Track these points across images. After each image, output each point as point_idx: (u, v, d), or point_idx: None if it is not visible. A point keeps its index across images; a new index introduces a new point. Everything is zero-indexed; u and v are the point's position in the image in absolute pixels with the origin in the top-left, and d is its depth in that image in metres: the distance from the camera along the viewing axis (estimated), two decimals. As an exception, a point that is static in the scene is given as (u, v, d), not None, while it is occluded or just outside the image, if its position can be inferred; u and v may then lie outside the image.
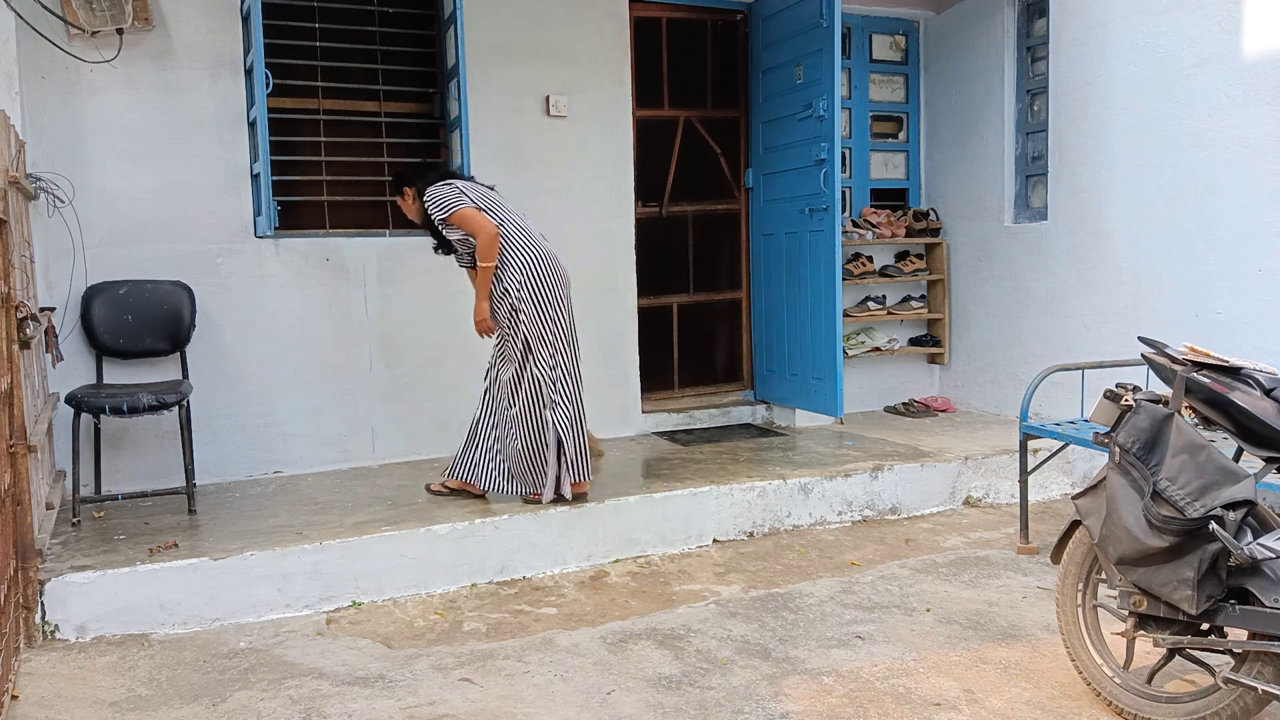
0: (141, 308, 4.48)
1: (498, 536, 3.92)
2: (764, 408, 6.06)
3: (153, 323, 4.49)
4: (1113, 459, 2.56)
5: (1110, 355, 4.68)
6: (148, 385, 4.25)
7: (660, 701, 2.83)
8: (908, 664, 3.06)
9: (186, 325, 4.54)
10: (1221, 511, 2.32)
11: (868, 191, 6.38)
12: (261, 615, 3.54)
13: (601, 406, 5.58)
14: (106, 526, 3.98)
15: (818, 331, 5.46)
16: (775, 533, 4.47)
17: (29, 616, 3.24)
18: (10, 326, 3.08)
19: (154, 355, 4.54)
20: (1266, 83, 4.32)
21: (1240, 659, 2.39)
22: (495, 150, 5.22)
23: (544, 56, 5.34)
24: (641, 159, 5.73)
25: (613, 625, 3.44)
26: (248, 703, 2.87)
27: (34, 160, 4.29)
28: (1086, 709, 2.73)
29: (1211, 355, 2.50)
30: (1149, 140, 4.86)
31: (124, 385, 4.28)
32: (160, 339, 4.51)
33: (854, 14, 6.14)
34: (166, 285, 4.55)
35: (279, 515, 4.07)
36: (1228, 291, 4.54)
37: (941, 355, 6.34)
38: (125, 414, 4.01)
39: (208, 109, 4.67)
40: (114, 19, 4.28)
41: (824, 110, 5.25)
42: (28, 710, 2.81)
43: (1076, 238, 5.31)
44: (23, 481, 3.18)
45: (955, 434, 5.45)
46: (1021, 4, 5.75)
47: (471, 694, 2.91)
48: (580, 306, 5.47)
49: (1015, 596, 3.63)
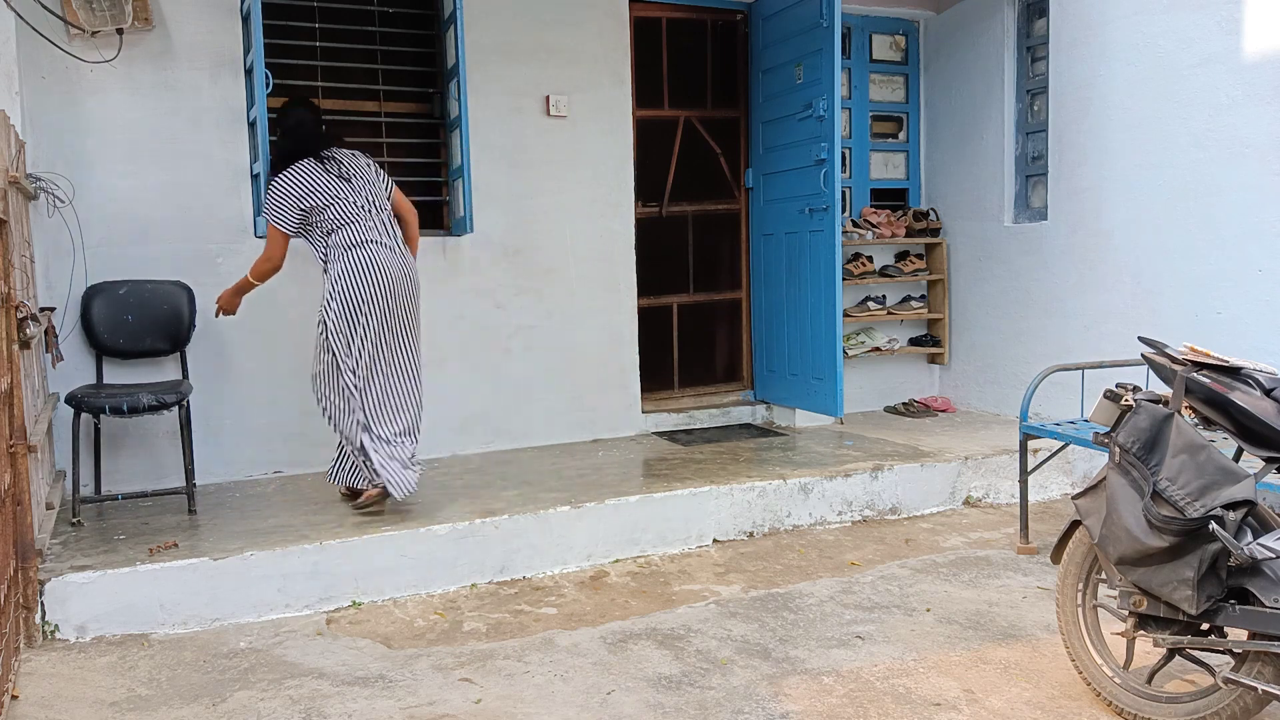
0: (142, 308, 4.48)
1: (498, 536, 3.92)
2: (764, 408, 6.06)
3: (153, 323, 4.49)
4: (1113, 459, 2.56)
5: (1110, 355, 4.68)
6: (148, 385, 4.25)
7: (660, 701, 2.83)
8: (908, 664, 3.06)
9: (186, 325, 4.54)
10: (1221, 511, 2.32)
11: (868, 191, 6.38)
12: (261, 615, 3.54)
13: (601, 406, 5.60)
14: (106, 526, 3.98)
15: (818, 331, 5.46)
16: (775, 533, 4.47)
17: (29, 616, 3.24)
18: (10, 326, 3.08)
19: (154, 355, 4.54)
20: (1266, 83, 4.32)
21: (1240, 659, 2.38)
22: (495, 150, 5.23)
23: (544, 56, 5.34)
24: (641, 159, 5.73)
25: (613, 625, 3.44)
26: (248, 703, 2.87)
27: (34, 160, 4.29)
28: (1086, 709, 2.73)
29: (1211, 355, 2.50)
30: (1149, 140, 4.86)
31: (124, 385, 4.28)
32: (160, 339, 4.51)
33: (854, 14, 6.14)
34: (167, 285, 4.55)
35: (279, 515, 4.07)
36: (1228, 291, 4.54)
37: (941, 355, 6.34)
38: (125, 414, 4.01)
39: (208, 109, 4.67)
40: (114, 19, 4.28)
41: (824, 110, 5.25)
42: (28, 710, 2.81)
43: (1076, 238, 5.31)
44: (23, 481, 3.18)
45: (955, 434, 5.45)
46: (1021, 4, 5.75)
47: (471, 694, 2.91)
48: (580, 306, 5.53)
49: (1015, 596, 3.63)
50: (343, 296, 3.94)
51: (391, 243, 4.06)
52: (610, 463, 4.97)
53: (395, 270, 4.01)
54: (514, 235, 5.33)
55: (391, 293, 4.00)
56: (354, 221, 4.00)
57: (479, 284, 5.27)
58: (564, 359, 5.48)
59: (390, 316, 4.02)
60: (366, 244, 3.99)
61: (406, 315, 4.08)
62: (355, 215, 4.01)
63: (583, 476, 4.65)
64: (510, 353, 5.35)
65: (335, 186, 3.99)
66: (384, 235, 4.05)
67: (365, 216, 4.02)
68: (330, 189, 3.98)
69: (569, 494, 4.27)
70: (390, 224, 4.11)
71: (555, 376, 5.46)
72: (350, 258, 3.96)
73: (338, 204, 3.98)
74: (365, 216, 4.02)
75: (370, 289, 3.96)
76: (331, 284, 3.97)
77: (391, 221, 4.13)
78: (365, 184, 4.07)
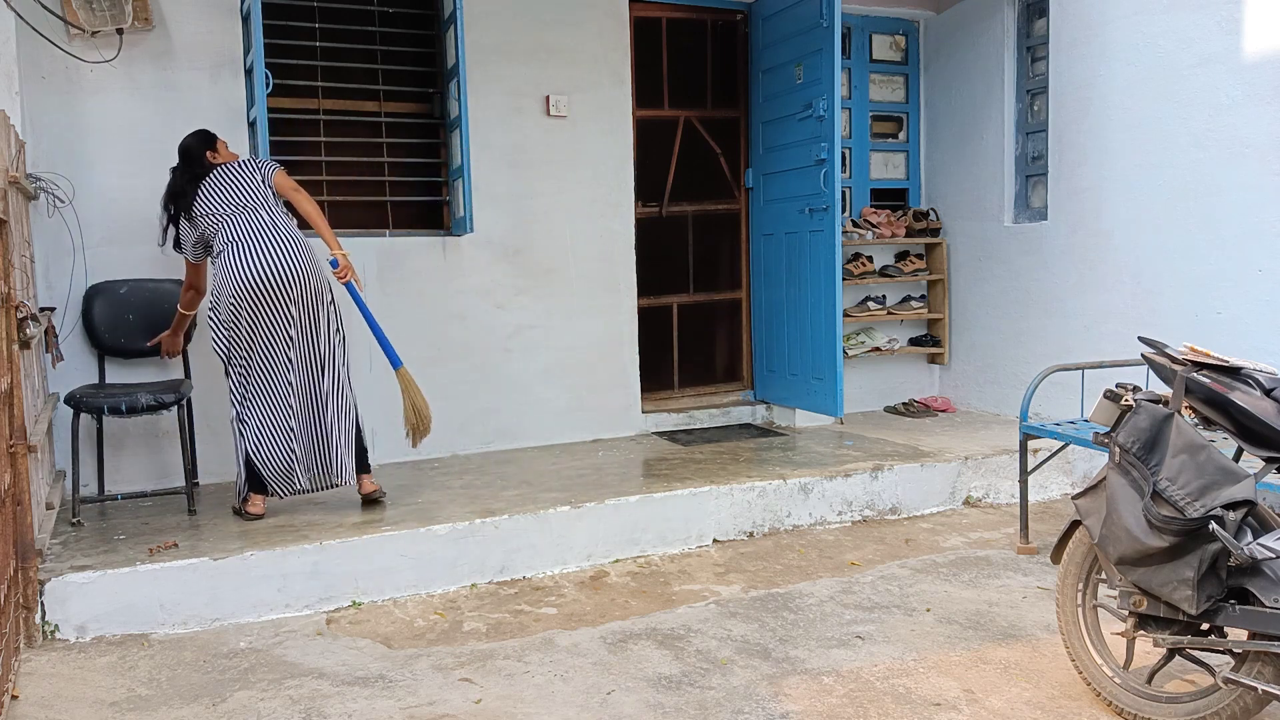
0: (142, 307, 4.48)
1: (498, 536, 3.92)
2: (764, 408, 6.06)
3: (154, 322, 4.48)
4: (1113, 459, 2.56)
5: (1110, 355, 4.68)
6: (147, 385, 4.25)
7: (660, 701, 2.83)
8: (908, 664, 3.06)
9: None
10: (1221, 511, 2.31)
11: (868, 191, 6.38)
12: (261, 615, 3.54)
13: (601, 406, 5.60)
14: (106, 526, 3.98)
15: (818, 331, 5.46)
16: (775, 533, 4.47)
17: (29, 616, 3.24)
18: (10, 326, 3.08)
19: (155, 354, 4.54)
20: (1266, 83, 4.32)
21: (1240, 659, 2.38)
22: (495, 150, 5.23)
23: (544, 56, 5.34)
24: (641, 159, 5.73)
25: (613, 625, 3.44)
26: (248, 703, 2.87)
27: (34, 160, 4.29)
28: (1086, 709, 2.73)
29: (1211, 355, 2.50)
30: (1149, 140, 4.86)
31: (123, 385, 4.28)
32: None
33: (854, 14, 6.14)
34: (167, 284, 4.55)
35: (279, 515, 4.07)
36: (1228, 291, 4.54)
37: (941, 355, 6.34)
38: (124, 414, 4.01)
39: (208, 109, 4.67)
40: (114, 19, 4.28)
41: (824, 110, 5.25)
42: (28, 710, 2.81)
43: (1076, 238, 5.31)
44: (23, 481, 3.18)
45: (955, 434, 5.45)
46: (1021, 4, 5.75)
47: (471, 694, 2.91)
48: (580, 306, 5.53)
49: (1015, 596, 3.63)
50: (214, 304, 3.88)
51: (268, 239, 3.87)
52: (610, 463, 4.97)
53: (269, 268, 3.83)
54: (514, 235, 5.33)
55: (267, 293, 3.82)
56: (225, 226, 3.91)
57: (479, 284, 5.27)
58: (564, 359, 5.48)
59: (270, 319, 3.86)
60: (234, 244, 3.87)
61: (290, 316, 3.88)
62: (227, 217, 3.93)
63: (583, 476, 4.65)
64: (510, 353, 5.35)
65: (216, 199, 3.96)
66: (261, 232, 3.88)
67: (237, 217, 3.91)
68: (212, 204, 3.96)
69: (569, 494, 4.27)
70: (272, 218, 3.93)
71: (555, 376, 5.47)
72: (219, 263, 3.89)
73: (214, 216, 3.95)
74: (237, 217, 3.91)
75: (237, 290, 3.81)
76: (213, 297, 3.92)
77: (275, 215, 3.96)
78: (239, 187, 3.97)
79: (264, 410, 3.95)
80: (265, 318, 3.88)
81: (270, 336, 3.91)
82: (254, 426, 3.95)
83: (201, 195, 4.00)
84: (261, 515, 4.00)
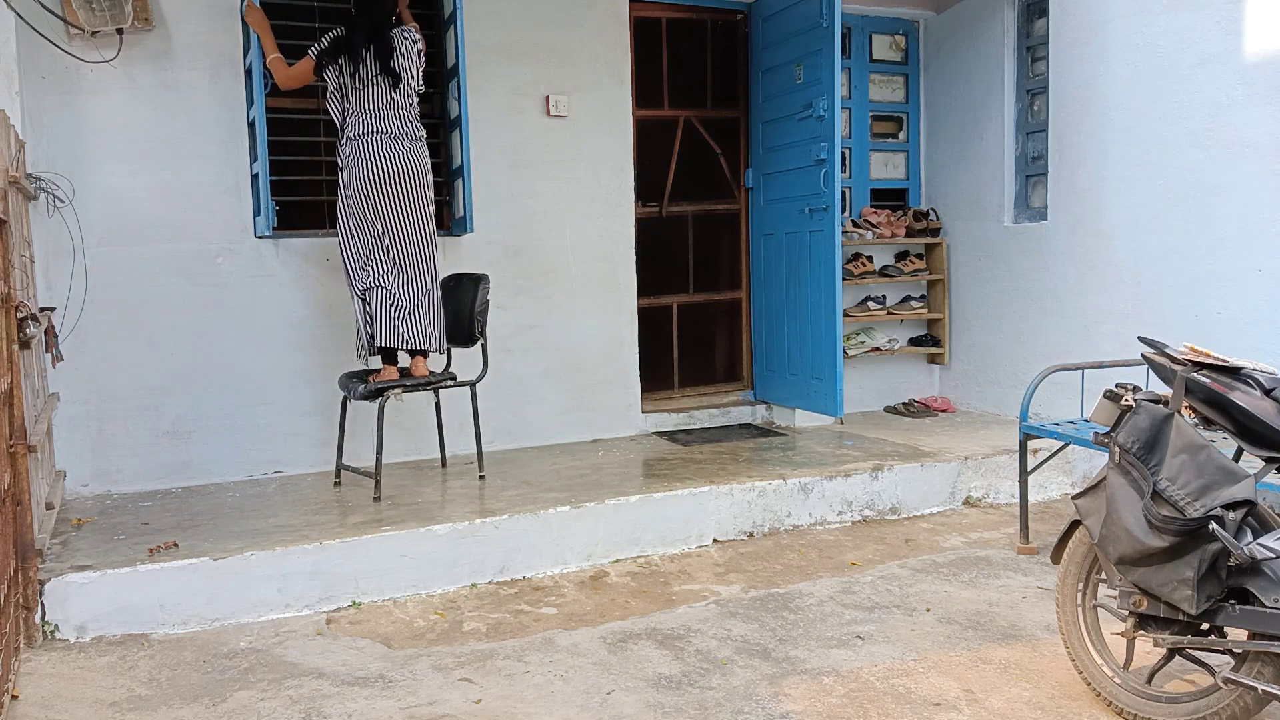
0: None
1: (498, 536, 3.92)
2: (764, 408, 6.06)
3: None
4: (1113, 459, 2.56)
5: (1110, 355, 4.68)
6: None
7: (660, 701, 2.83)
8: (908, 664, 3.06)
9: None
10: (1221, 511, 2.32)
11: (868, 191, 6.38)
12: (261, 615, 3.54)
13: (601, 406, 5.59)
14: (106, 526, 3.98)
15: (818, 331, 5.46)
16: (775, 533, 4.47)
17: (29, 616, 3.24)
18: (10, 326, 3.08)
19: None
20: (1267, 83, 4.32)
21: (1240, 659, 2.39)
22: (495, 150, 5.22)
23: (544, 56, 5.34)
24: (641, 159, 5.72)
25: (613, 625, 3.44)
26: (248, 703, 2.87)
27: (34, 160, 4.29)
28: (1086, 709, 2.73)
29: (1211, 355, 2.50)
30: (1149, 140, 4.86)
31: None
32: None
33: (854, 14, 6.14)
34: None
35: (279, 515, 4.07)
36: (1228, 291, 4.54)
37: (941, 355, 6.34)
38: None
39: (208, 109, 4.67)
40: (114, 19, 4.28)
41: (824, 110, 5.25)
42: (28, 710, 2.81)
43: (1076, 238, 5.31)
44: (23, 481, 3.19)
45: (955, 434, 5.45)
46: (1021, 4, 5.75)
47: (471, 694, 2.91)
48: (580, 306, 5.52)
49: (1015, 596, 3.64)
50: (342, 179, 4.32)
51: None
52: (610, 462, 4.97)
53: (386, 163, 4.26)
54: (514, 235, 5.33)
55: (380, 182, 4.26)
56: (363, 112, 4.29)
57: (479, 284, 5.26)
58: (564, 359, 5.48)
59: (370, 205, 4.28)
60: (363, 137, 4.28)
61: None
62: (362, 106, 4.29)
63: (583, 476, 4.65)
64: (510, 353, 5.34)
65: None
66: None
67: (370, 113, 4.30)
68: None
69: (569, 494, 4.27)
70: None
71: (555, 376, 5.46)
72: (345, 147, 4.35)
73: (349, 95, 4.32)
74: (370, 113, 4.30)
75: (359, 176, 4.27)
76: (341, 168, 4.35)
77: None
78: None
79: (364, 264, 4.36)
80: (374, 195, 4.32)
81: (377, 209, 4.34)
82: (364, 276, 4.33)
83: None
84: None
